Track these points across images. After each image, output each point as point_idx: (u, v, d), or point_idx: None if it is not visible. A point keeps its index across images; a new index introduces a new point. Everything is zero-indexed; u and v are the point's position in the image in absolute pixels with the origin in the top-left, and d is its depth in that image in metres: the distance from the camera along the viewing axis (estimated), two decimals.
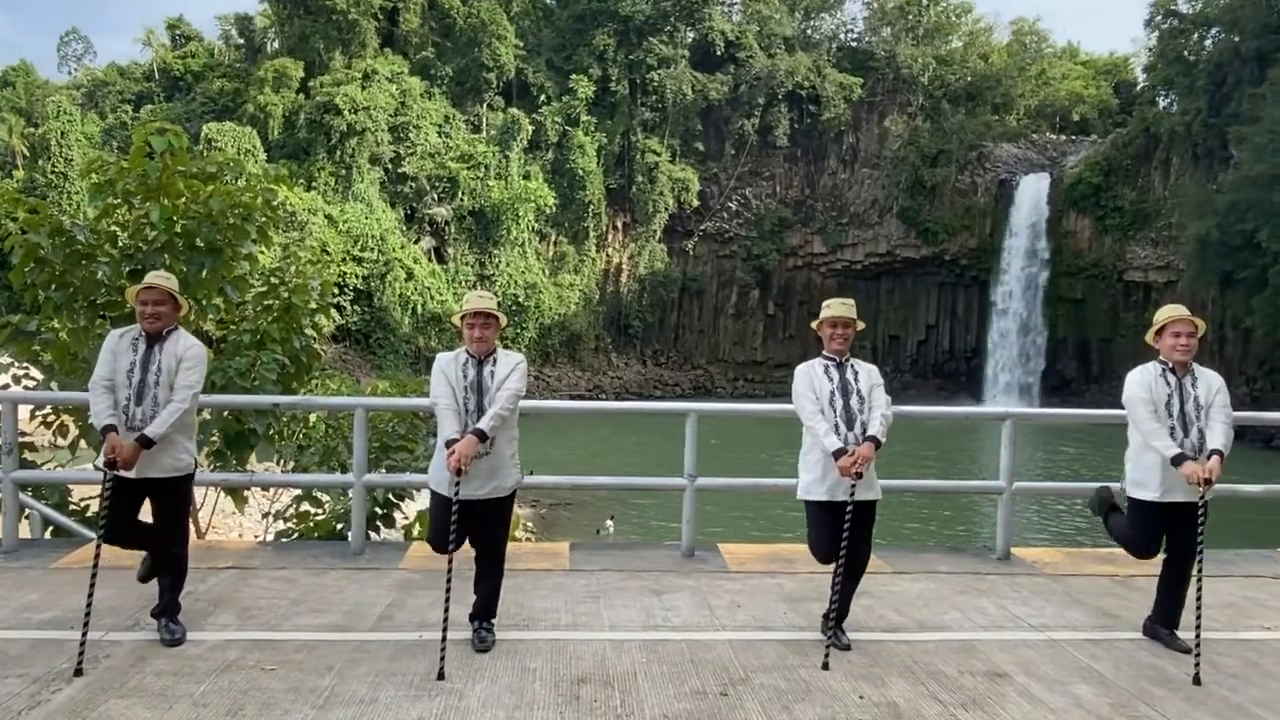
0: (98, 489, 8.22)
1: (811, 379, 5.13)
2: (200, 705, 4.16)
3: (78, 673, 4.45)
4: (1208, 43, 50.20)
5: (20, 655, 4.67)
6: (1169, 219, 49.67)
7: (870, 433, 4.95)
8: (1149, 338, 5.42)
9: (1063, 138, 60.18)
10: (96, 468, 6.87)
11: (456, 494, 4.69)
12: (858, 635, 5.16)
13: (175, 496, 5.14)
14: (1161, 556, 5.25)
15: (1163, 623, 5.22)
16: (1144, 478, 5.12)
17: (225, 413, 8.32)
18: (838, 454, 4.83)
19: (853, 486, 4.83)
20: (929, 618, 5.58)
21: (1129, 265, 52.03)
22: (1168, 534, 5.16)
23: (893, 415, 5.14)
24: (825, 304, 5.30)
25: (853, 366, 5.18)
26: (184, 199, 8.25)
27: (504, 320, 5.08)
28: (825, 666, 4.71)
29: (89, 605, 4.62)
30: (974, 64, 60.84)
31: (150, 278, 5.05)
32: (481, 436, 4.68)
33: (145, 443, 4.91)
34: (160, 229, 8.11)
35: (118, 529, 4.98)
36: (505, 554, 5.16)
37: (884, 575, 6.41)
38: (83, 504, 8.58)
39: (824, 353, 5.21)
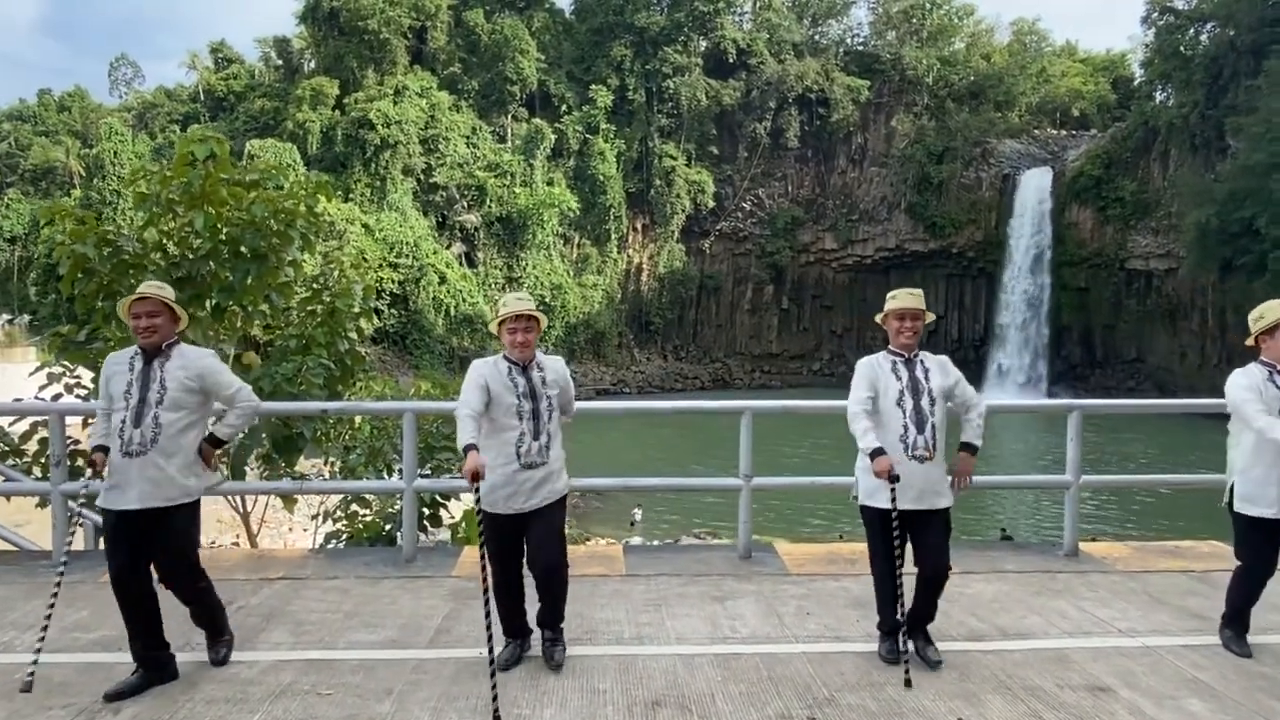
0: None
1: (875, 375, 4.53)
2: None
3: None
4: (1203, 37, 48.85)
5: (66, 682, 4.19)
6: (1169, 208, 48.46)
7: (967, 439, 4.39)
8: (1250, 341, 4.57)
9: (1064, 133, 58.90)
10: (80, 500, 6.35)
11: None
12: (942, 645, 4.59)
13: (179, 526, 4.24)
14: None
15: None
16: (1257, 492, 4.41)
17: (272, 417, 7.86)
18: (875, 454, 4.21)
19: (892, 491, 4.23)
20: (1009, 623, 5.00)
21: (1130, 254, 50.77)
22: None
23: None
24: (891, 295, 4.69)
25: (922, 362, 4.60)
26: (228, 206, 7.78)
27: (544, 321, 4.48)
28: (908, 684, 4.14)
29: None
30: (976, 64, 59.64)
31: (143, 288, 4.27)
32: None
33: (215, 443, 4.44)
34: (205, 236, 7.66)
35: (125, 570, 4.14)
36: (566, 560, 4.51)
37: (952, 575, 5.84)
38: None
39: (890, 347, 4.63)
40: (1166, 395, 44.80)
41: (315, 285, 8.77)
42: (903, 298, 4.62)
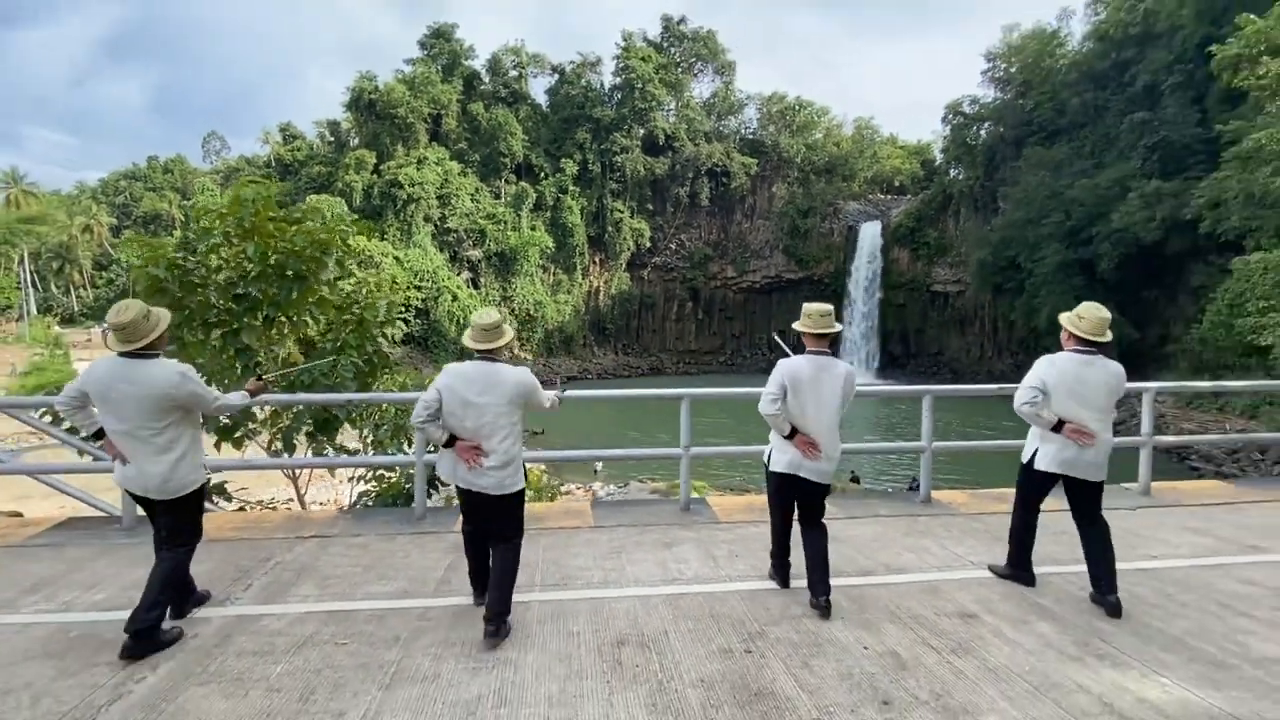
0: (218, 472, 6.92)
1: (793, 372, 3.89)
2: (274, 690, 2.96)
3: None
4: (983, 132, 50.03)
5: (115, 639, 3.38)
6: (959, 249, 49.64)
7: None
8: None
9: (889, 196, 59.81)
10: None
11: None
12: (840, 581, 4.09)
13: (179, 513, 3.48)
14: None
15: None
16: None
17: (314, 405, 7.01)
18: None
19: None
20: (890, 559, 4.54)
21: (934, 280, 51.87)
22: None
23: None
24: (816, 313, 3.84)
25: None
26: (274, 238, 6.90)
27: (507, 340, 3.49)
28: (825, 615, 3.64)
29: None
30: (830, 148, 60.10)
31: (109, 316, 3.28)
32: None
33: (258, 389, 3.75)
34: (255, 261, 6.78)
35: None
36: (518, 553, 3.53)
37: (839, 520, 5.38)
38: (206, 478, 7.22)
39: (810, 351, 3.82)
40: (959, 380, 46.17)
41: (348, 301, 7.89)
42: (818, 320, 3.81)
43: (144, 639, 3.26)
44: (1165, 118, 35.50)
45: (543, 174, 56.48)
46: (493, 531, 3.52)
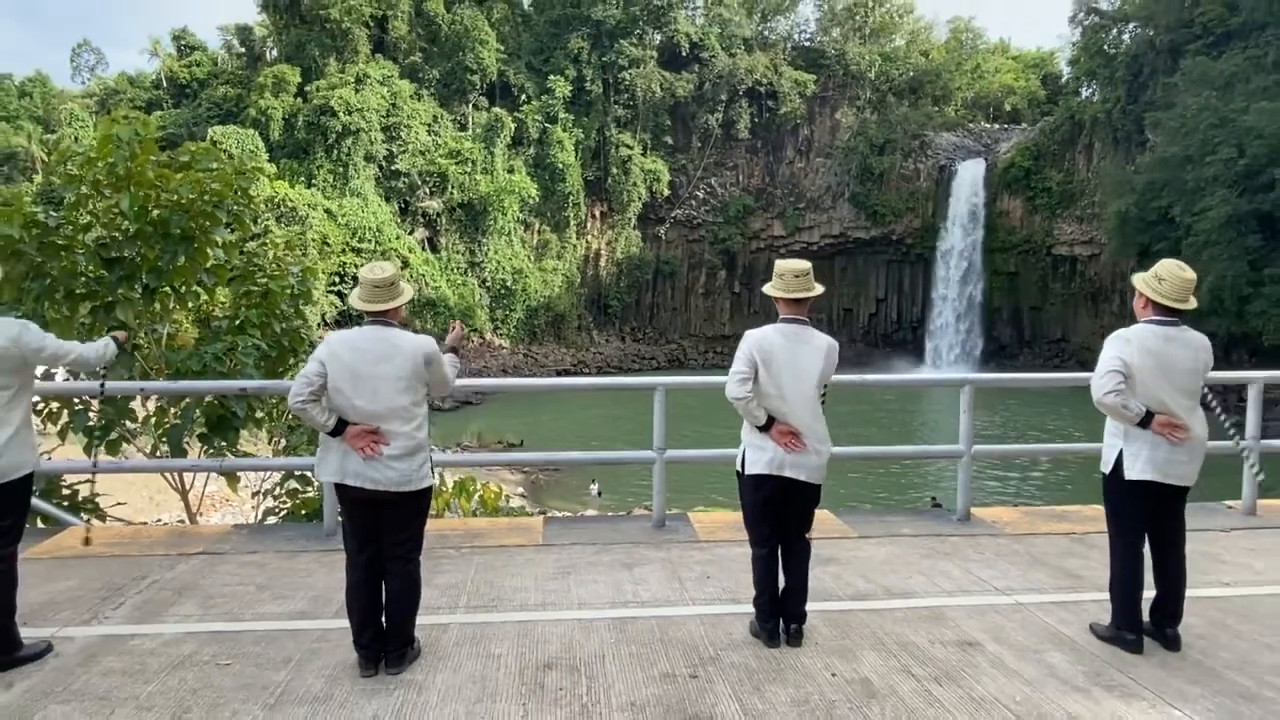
0: (87, 476, 7.60)
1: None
2: (144, 709, 3.56)
3: None
4: (1126, 37, 49.75)
5: None
6: (1092, 198, 49.51)
7: None
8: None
9: (996, 126, 59.68)
10: None
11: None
12: (826, 605, 4.63)
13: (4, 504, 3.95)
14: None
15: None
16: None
17: (206, 397, 7.63)
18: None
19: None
20: (895, 584, 5.05)
21: (1057, 240, 51.87)
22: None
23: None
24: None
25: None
26: (155, 189, 7.50)
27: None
28: (790, 642, 4.16)
29: None
30: (916, 60, 60.08)
31: None
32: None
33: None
34: (131, 218, 7.38)
35: None
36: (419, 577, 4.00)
37: (850, 540, 5.90)
38: (73, 489, 7.90)
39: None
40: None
41: (249, 268, 8.48)
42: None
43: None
44: None
45: (524, 97, 57.14)
46: (388, 548, 3.85)
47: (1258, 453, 6.41)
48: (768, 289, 4.33)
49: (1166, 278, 4.09)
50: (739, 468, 4.30)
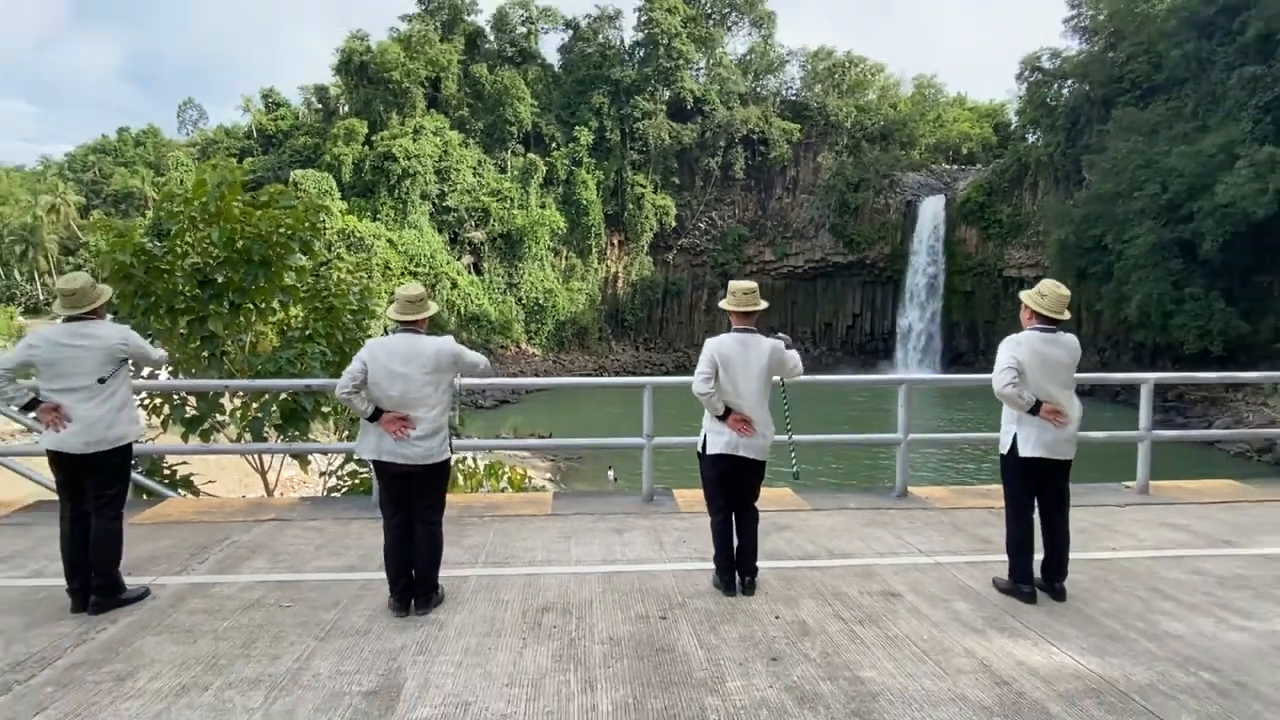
0: (184, 458, 7.89)
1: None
2: (220, 639, 3.78)
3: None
4: (1065, 91, 49.46)
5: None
6: (1037, 228, 49.18)
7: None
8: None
9: (955, 167, 59.44)
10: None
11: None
12: (778, 563, 4.79)
13: (109, 472, 4.15)
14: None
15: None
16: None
17: (280, 393, 7.90)
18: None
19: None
20: (837, 547, 5.20)
21: (1007, 264, 51.50)
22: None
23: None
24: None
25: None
26: (240, 223, 7.80)
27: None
28: (748, 592, 4.32)
29: None
30: (886, 111, 59.95)
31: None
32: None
33: None
34: (221, 247, 7.68)
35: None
36: (441, 536, 4.19)
37: (804, 512, 6.04)
38: (172, 469, 8.19)
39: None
40: None
41: (317, 288, 8.76)
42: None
43: (108, 595, 4.11)
44: None
45: (554, 144, 57.54)
46: (416, 512, 4.12)
47: (1149, 441, 6.50)
48: (723, 304, 4.52)
49: (1048, 294, 4.28)
50: (700, 449, 4.49)
